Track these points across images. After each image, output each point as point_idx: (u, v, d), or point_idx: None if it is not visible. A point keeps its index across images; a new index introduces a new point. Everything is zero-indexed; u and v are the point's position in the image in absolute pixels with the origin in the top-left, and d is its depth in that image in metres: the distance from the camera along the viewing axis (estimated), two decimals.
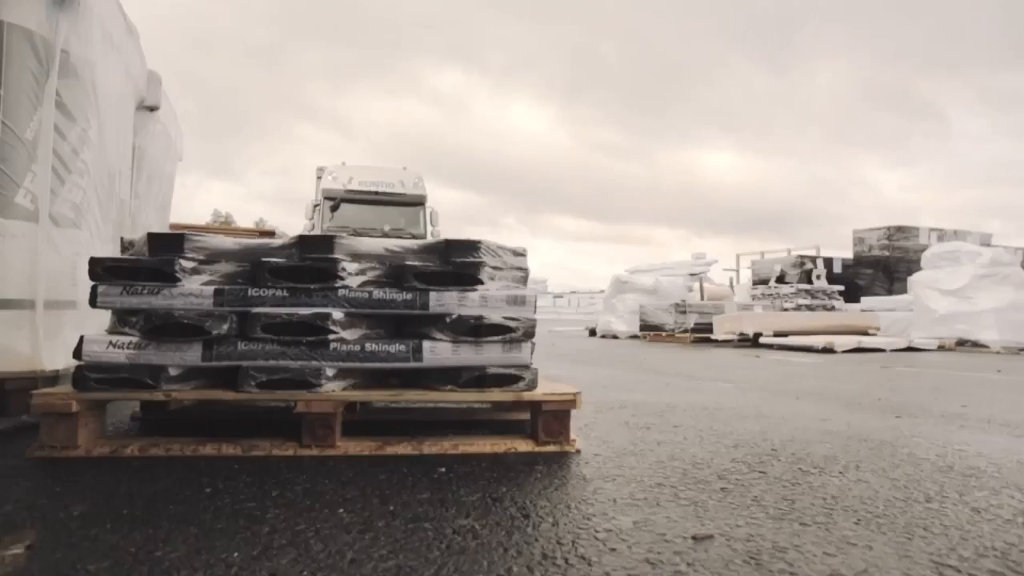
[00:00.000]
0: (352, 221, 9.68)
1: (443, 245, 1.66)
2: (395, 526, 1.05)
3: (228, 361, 1.52)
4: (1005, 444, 1.84)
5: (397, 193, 10.30)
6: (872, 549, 0.99)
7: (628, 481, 1.35)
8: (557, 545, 0.98)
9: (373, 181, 10.20)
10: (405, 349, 1.58)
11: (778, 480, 1.39)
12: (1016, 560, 0.95)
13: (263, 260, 1.58)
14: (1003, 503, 1.25)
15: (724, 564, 0.91)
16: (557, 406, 1.60)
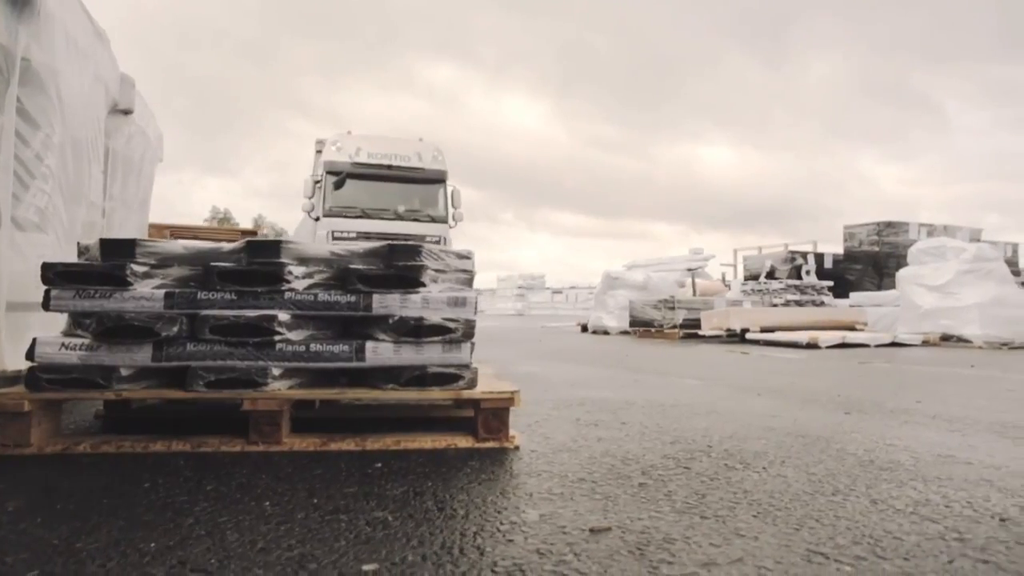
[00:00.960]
0: (359, 200, 8.54)
1: (386, 249, 1.72)
2: (313, 518, 1.12)
3: (178, 361, 1.58)
4: (937, 439, 1.90)
5: (413, 168, 8.88)
6: (757, 539, 1.05)
7: (552, 476, 1.41)
8: (459, 536, 1.04)
9: (385, 153, 8.79)
10: (348, 349, 1.65)
11: (699, 475, 1.45)
12: (886, 545, 1.02)
13: (212, 264, 1.64)
14: (903, 495, 1.31)
15: (609, 554, 0.98)
16: (495, 404, 1.66)
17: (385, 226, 8.55)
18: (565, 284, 29.33)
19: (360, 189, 8.63)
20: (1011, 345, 6.88)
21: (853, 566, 0.94)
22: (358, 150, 8.76)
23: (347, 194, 8.54)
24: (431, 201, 9.10)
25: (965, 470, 1.53)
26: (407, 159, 8.90)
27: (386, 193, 8.79)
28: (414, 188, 8.97)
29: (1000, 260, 7.27)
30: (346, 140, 8.92)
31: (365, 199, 8.63)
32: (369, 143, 8.94)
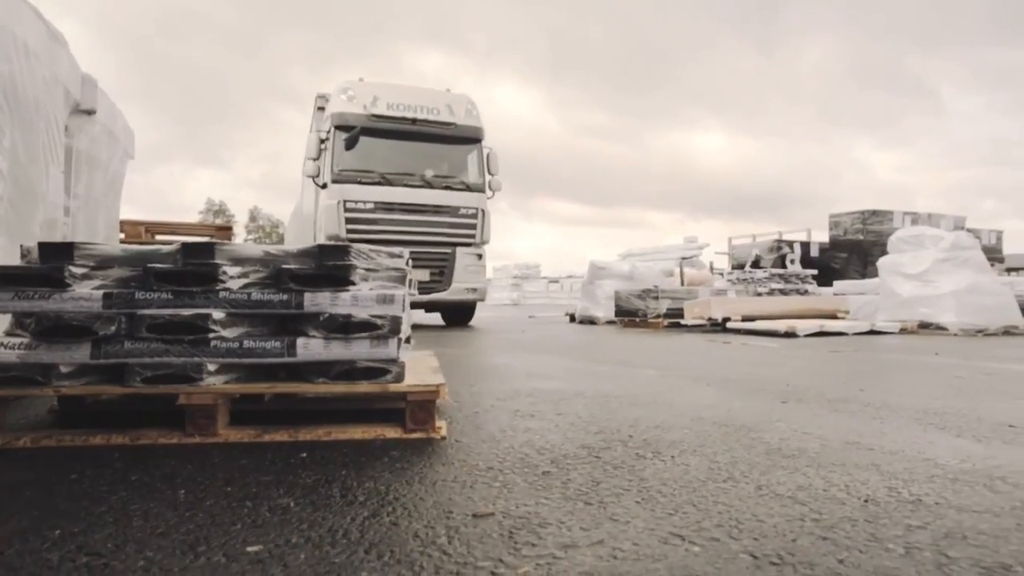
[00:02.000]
0: (377, 162, 7.37)
1: (317, 250, 1.79)
2: (221, 504, 1.20)
3: (115, 359, 1.66)
4: (854, 426, 1.98)
5: (443, 123, 7.63)
6: (628, 524, 1.13)
7: (464, 465, 1.50)
8: (348, 521, 1.13)
9: (408, 104, 7.47)
10: (280, 345, 1.72)
11: (605, 464, 1.53)
12: (744, 527, 1.10)
13: (149, 266, 1.71)
14: (790, 481, 1.39)
15: (479, 537, 1.06)
16: (421, 396, 1.74)
17: (410, 195, 7.57)
18: (562, 273, 29.38)
19: (378, 148, 7.40)
20: (985, 332, 6.97)
21: (703, 547, 1.02)
22: (375, 100, 7.37)
23: (362, 155, 7.32)
24: (465, 165, 8.00)
25: (863, 456, 1.61)
26: (435, 112, 7.58)
27: (410, 154, 7.59)
28: (444, 149, 7.80)
29: (977, 248, 7.33)
30: (359, 88, 7.46)
31: (384, 161, 7.44)
32: (388, 92, 7.52)
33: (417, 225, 7.66)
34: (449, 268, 7.89)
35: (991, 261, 12.31)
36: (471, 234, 8.09)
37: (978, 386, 2.98)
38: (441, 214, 7.83)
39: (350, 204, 7.33)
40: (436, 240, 7.82)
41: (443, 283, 7.86)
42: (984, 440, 1.80)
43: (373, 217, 7.48)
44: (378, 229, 7.39)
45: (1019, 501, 1.25)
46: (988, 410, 2.30)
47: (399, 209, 7.56)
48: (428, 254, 7.74)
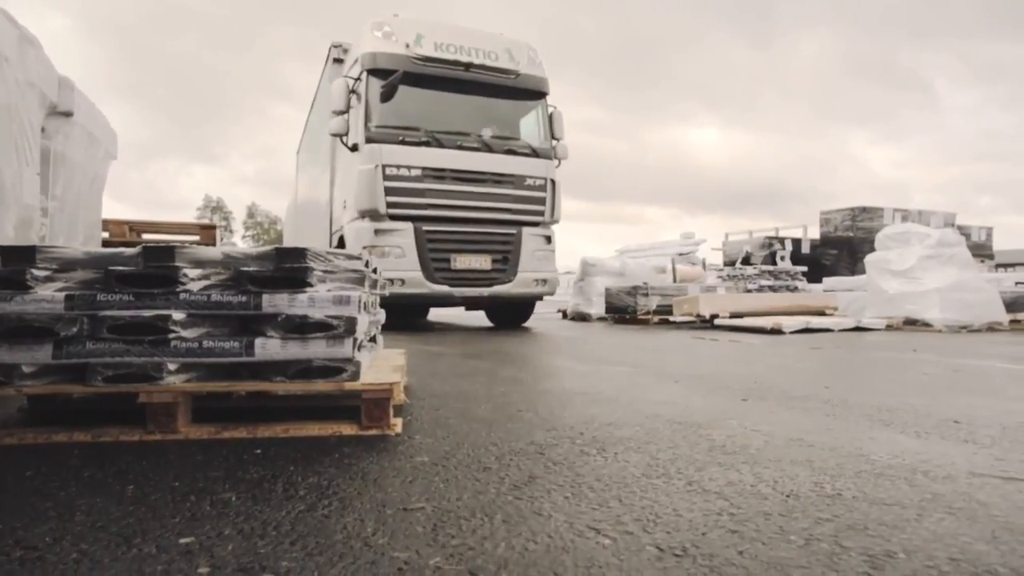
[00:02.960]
0: (422, 117, 6.13)
1: (274, 252, 1.84)
2: (166, 499, 1.25)
3: (77, 359, 1.71)
4: (804, 423, 2.03)
5: (502, 70, 6.34)
6: (550, 517, 1.18)
7: (410, 461, 1.55)
8: (283, 514, 1.18)
9: (460, 46, 6.15)
10: (239, 345, 1.77)
11: (548, 461, 1.58)
12: (661, 522, 1.15)
13: (110, 268, 1.76)
14: (722, 477, 1.44)
15: (404, 530, 1.11)
16: (376, 394, 1.80)
17: (466, 160, 6.29)
18: (561, 269, 29.32)
19: (422, 101, 6.10)
20: (969, 328, 7.02)
21: (613, 540, 1.08)
22: (418, 38, 5.98)
23: (402, 108, 5.98)
24: (528, 125, 6.73)
25: (801, 452, 1.67)
26: (493, 56, 6.22)
27: (461, 109, 6.28)
28: (502, 105, 6.51)
29: (962, 245, 7.38)
30: (398, 25, 6.04)
31: (430, 117, 6.15)
32: (434, 30, 6.08)
33: (475, 198, 6.42)
34: (514, 253, 6.59)
35: (981, 258, 12.40)
36: (539, 210, 6.83)
37: (942, 382, 3.03)
38: (503, 185, 6.59)
39: (391, 170, 5.99)
40: (498, 218, 6.56)
41: (507, 272, 6.57)
42: (924, 436, 1.86)
43: (420, 187, 6.14)
44: (426, 203, 6.21)
45: (930, 494, 1.30)
46: (941, 406, 2.35)
47: (452, 177, 6.29)
48: (488, 236, 6.52)
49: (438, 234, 6.33)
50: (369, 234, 6.12)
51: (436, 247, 6.29)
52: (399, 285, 5.97)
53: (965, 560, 0.98)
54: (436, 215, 6.31)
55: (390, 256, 6.06)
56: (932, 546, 1.04)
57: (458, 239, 6.42)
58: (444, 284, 6.30)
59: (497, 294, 6.55)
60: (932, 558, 0.99)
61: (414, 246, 6.17)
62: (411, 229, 6.21)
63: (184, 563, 0.96)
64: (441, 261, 6.31)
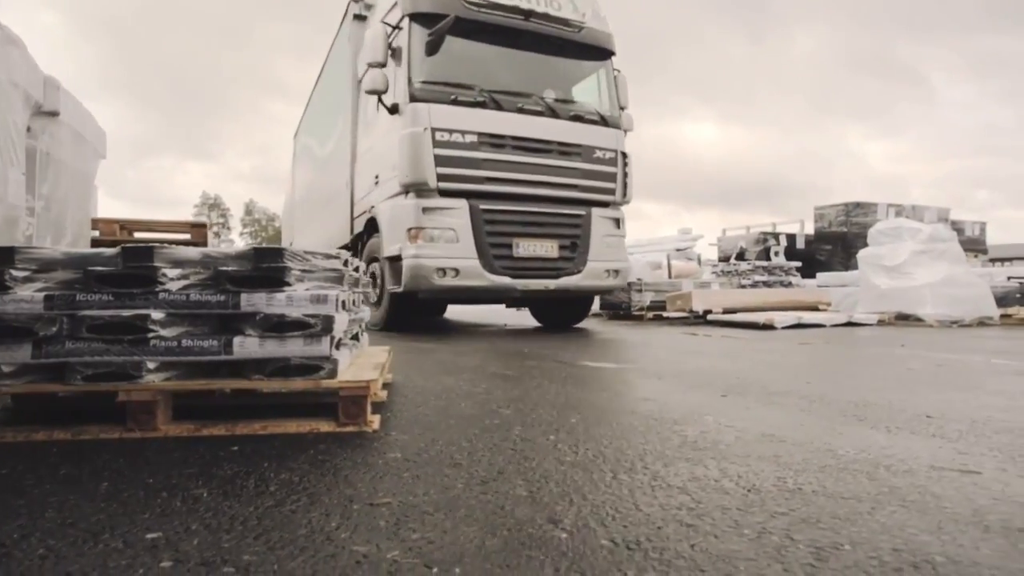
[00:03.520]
0: (475, 74, 5.25)
1: (252, 252, 1.86)
2: (137, 495, 1.28)
3: (56, 358, 1.74)
4: (779, 419, 2.06)
5: (566, 21, 5.47)
6: (512, 512, 1.21)
7: (383, 457, 1.57)
8: (251, 510, 1.20)
9: None
10: (217, 344, 1.80)
11: (519, 456, 1.61)
12: (619, 516, 1.18)
13: (89, 269, 1.78)
14: (688, 472, 1.47)
15: (367, 525, 1.14)
16: (353, 392, 1.82)
17: (530, 126, 5.38)
18: None
19: (474, 55, 5.29)
20: (960, 323, 7.06)
21: (570, 533, 1.10)
22: None
23: (452, 62, 5.14)
24: (591, 89, 5.86)
25: (770, 448, 1.69)
26: (555, 5, 5.40)
27: (519, 67, 5.43)
28: (563, 64, 5.70)
29: (954, 241, 7.41)
30: None
31: (484, 74, 5.28)
32: None
33: (539, 171, 5.48)
34: (583, 239, 5.63)
35: (975, 252, 12.44)
36: (610, 188, 5.88)
37: (923, 377, 3.07)
38: (571, 157, 5.64)
39: (441, 135, 5.08)
40: (566, 196, 5.64)
41: (575, 262, 5.62)
42: (894, 431, 1.89)
43: (476, 157, 5.21)
44: (483, 176, 5.26)
45: (887, 487, 1.33)
46: (917, 401, 2.38)
47: (513, 146, 5.36)
48: (555, 218, 5.58)
49: (498, 214, 5.34)
50: (414, 213, 5.14)
51: (496, 230, 5.31)
52: (452, 276, 5.15)
53: (907, 550, 1.01)
54: (495, 191, 5.35)
55: (439, 241, 5.14)
56: (879, 538, 1.07)
57: (521, 220, 5.44)
58: (505, 275, 5.32)
59: (564, 287, 5.58)
60: (876, 549, 1.02)
61: (469, 228, 5.19)
62: (466, 208, 5.22)
63: (148, 557, 0.99)
64: (501, 247, 5.35)
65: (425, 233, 5.13)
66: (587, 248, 5.70)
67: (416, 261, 5.14)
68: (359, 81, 6.50)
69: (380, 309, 5.99)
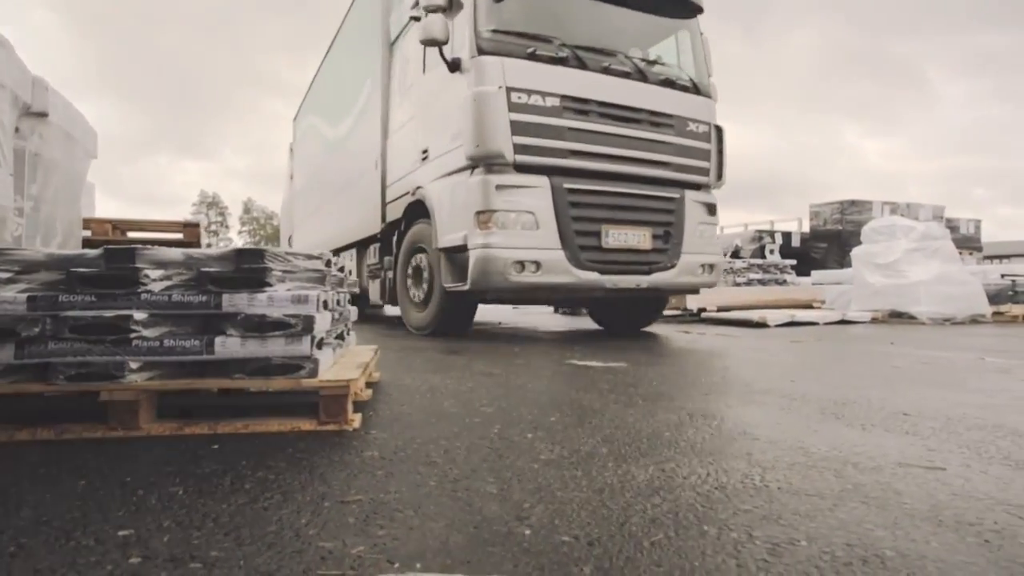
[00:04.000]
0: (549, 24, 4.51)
1: (234, 254, 1.88)
2: (115, 494, 1.30)
3: (39, 359, 1.76)
4: (756, 417, 2.09)
5: None
6: (481, 509, 1.23)
7: (359, 455, 1.60)
8: (223, 508, 1.22)
9: None
10: (199, 344, 1.82)
11: (494, 454, 1.63)
12: (587, 512, 1.20)
13: (71, 270, 1.80)
14: (655, 470, 1.49)
15: (336, 522, 1.16)
16: (333, 391, 1.84)
17: (617, 90, 4.61)
18: None
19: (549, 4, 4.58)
20: (953, 321, 7.09)
21: (534, 530, 1.13)
22: None
23: (528, 9, 4.47)
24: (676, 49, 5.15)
25: (744, 445, 1.72)
26: None
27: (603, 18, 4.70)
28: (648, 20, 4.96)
29: (947, 239, 7.44)
30: None
31: (564, 25, 4.55)
32: None
33: (629, 145, 4.67)
34: (677, 227, 4.85)
35: (969, 250, 12.47)
36: (704, 167, 5.11)
37: (906, 375, 3.09)
38: (662, 128, 4.84)
39: (519, 96, 4.27)
40: (658, 175, 4.84)
41: (669, 254, 4.82)
42: (869, 429, 1.91)
43: (559, 124, 4.39)
44: (567, 149, 4.43)
45: (852, 484, 1.35)
46: (897, 399, 2.41)
47: (599, 113, 4.55)
48: (648, 200, 4.76)
49: (584, 195, 4.48)
50: (484, 193, 4.25)
51: (581, 214, 4.46)
52: (532, 271, 4.29)
53: (860, 545, 1.03)
54: (580, 167, 4.51)
55: (514, 227, 4.26)
56: (835, 533, 1.09)
57: (610, 204, 4.60)
58: (592, 269, 4.44)
59: (656, 285, 4.80)
60: (830, 544, 1.04)
61: (552, 211, 4.34)
62: (547, 186, 4.34)
63: (118, 554, 1.01)
64: (588, 235, 4.49)
65: (498, 218, 4.23)
66: (681, 238, 4.87)
67: (488, 252, 4.24)
68: (392, 43, 5.82)
69: (428, 310, 5.20)
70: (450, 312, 4.98)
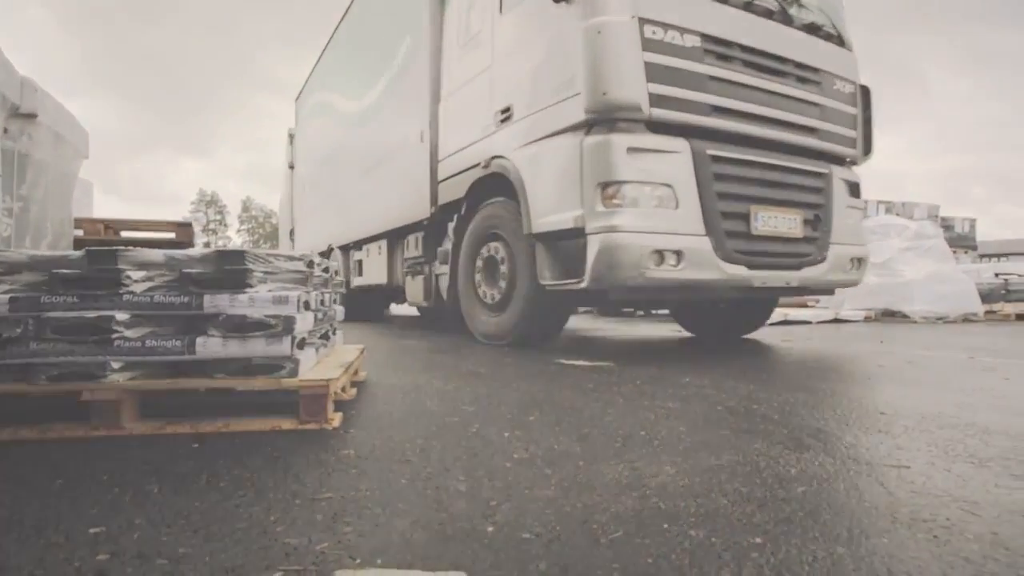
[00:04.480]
0: None
1: (215, 255, 1.91)
2: (90, 492, 1.32)
3: (21, 359, 1.78)
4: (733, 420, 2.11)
5: None
6: (449, 506, 1.26)
7: (335, 454, 1.62)
8: (195, 505, 1.25)
9: None
10: (180, 344, 1.84)
11: (468, 451, 1.66)
12: (554, 510, 1.22)
13: (54, 272, 1.83)
14: (611, 472, 1.52)
15: (305, 519, 1.18)
16: (313, 390, 1.87)
17: (764, 34, 3.80)
18: None
19: None
20: (946, 320, 7.12)
21: (496, 527, 1.15)
22: None
23: None
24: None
25: (707, 449, 1.74)
26: None
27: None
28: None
29: (939, 238, 7.47)
30: None
31: None
32: None
33: (778, 105, 3.83)
34: (826, 210, 3.99)
35: (964, 249, 12.50)
36: (850, 137, 4.29)
37: (890, 374, 3.12)
38: (808, 86, 3.99)
39: (653, 31, 3.40)
40: (805, 143, 3.99)
41: (819, 244, 3.94)
42: (842, 427, 1.93)
43: (700, 71, 3.51)
44: (709, 104, 3.54)
45: (816, 484, 1.38)
46: (876, 397, 2.43)
47: (741, 61, 3.68)
48: (797, 176, 3.88)
49: (731, 165, 3.57)
50: (611, 156, 3.29)
51: (727, 190, 3.54)
52: (672, 264, 3.30)
53: (813, 544, 1.06)
54: (725, 129, 3.62)
55: (648, 204, 3.30)
56: (793, 533, 1.11)
57: (761, 179, 3.69)
58: (739, 262, 3.51)
59: (806, 284, 3.94)
60: (787, 545, 1.07)
61: (694, 184, 3.41)
62: (687, 152, 3.42)
63: (86, 551, 1.04)
64: (735, 218, 3.56)
65: (628, 192, 3.27)
66: (830, 225, 4.00)
67: (617, 238, 3.22)
68: None
69: (506, 314, 4.19)
70: (539, 316, 4.03)
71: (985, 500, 1.26)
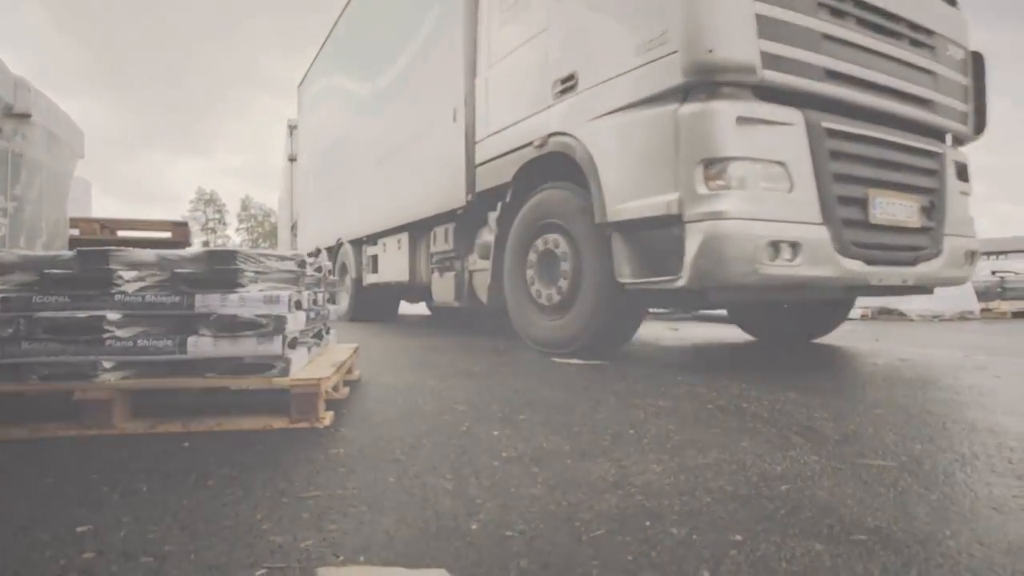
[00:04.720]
0: None
1: (206, 255, 1.91)
2: (79, 490, 1.33)
3: (12, 359, 1.79)
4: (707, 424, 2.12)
5: None
6: (435, 504, 1.27)
7: (325, 452, 1.63)
8: (183, 503, 1.26)
9: None
10: (172, 344, 1.85)
11: (458, 450, 1.67)
12: (539, 508, 1.23)
13: (45, 272, 1.84)
14: (581, 469, 1.53)
15: (291, 516, 1.19)
16: (304, 389, 1.88)
17: None
18: None
19: None
20: (942, 318, 7.14)
21: (481, 524, 1.16)
22: None
23: None
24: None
25: (673, 452, 1.75)
26: None
27: None
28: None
29: None
30: None
31: None
32: None
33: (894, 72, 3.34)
34: (941, 195, 3.49)
35: None
36: (961, 111, 3.78)
37: (882, 373, 3.13)
38: (922, 51, 3.50)
39: None
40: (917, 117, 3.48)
41: (934, 235, 3.42)
42: (832, 425, 1.95)
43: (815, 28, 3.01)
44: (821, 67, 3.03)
45: (767, 487, 1.39)
46: (865, 397, 2.44)
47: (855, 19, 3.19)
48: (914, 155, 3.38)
49: (847, 141, 3.07)
50: (717, 126, 2.79)
51: (844, 171, 3.02)
52: (787, 258, 2.80)
53: (747, 550, 1.07)
54: (841, 97, 3.12)
55: (756, 185, 2.82)
56: (732, 531, 1.13)
57: (878, 158, 3.19)
58: (857, 256, 3.00)
59: (922, 281, 3.40)
60: (724, 545, 1.08)
61: (810, 163, 2.92)
62: (802, 124, 2.93)
63: (72, 549, 1.05)
64: (851, 204, 3.05)
65: (736, 171, 2.78)
66: (944, 213, 3.46)
67: (725, 226, 2.74)
68: None
69: (568, 316, 3.60)
70: (612, 321, 3.45)
71: (965, 498, 1.27)
